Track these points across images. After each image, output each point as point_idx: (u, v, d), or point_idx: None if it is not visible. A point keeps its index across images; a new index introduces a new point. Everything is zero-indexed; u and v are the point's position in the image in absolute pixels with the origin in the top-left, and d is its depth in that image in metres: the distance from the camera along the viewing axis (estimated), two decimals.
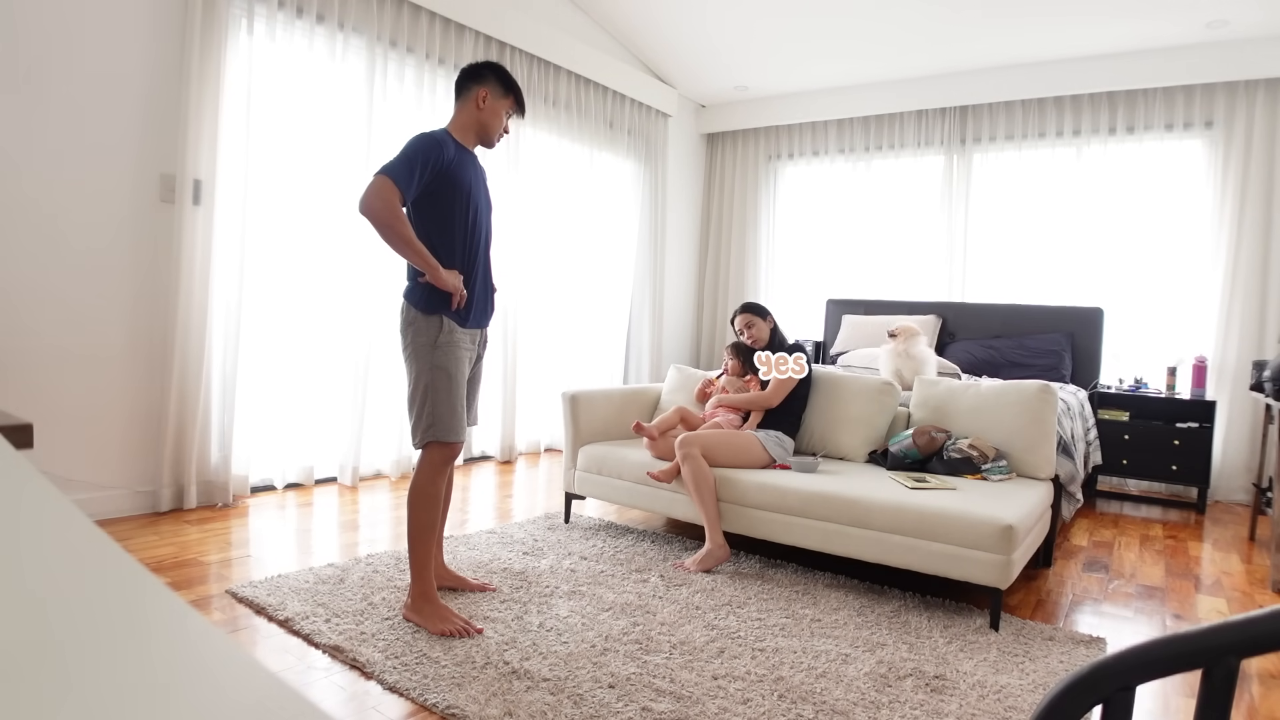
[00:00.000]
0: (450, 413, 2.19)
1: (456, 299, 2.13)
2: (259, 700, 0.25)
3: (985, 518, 2.33)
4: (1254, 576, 3.07)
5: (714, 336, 6.51)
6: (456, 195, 2.15)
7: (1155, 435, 4.24)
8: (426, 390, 2.17)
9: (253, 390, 3.49)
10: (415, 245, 2.05)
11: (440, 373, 2.17)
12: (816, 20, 4.81)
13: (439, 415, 2.17)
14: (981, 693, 1.90)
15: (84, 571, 0.34)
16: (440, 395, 2.17)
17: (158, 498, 3.16)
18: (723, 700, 1.80)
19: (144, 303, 3.13)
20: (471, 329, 2.25)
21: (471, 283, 2.23)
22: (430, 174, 2.10)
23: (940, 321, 5.04)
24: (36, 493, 0.43)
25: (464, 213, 2.18)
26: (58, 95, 2.84)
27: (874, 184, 5.76)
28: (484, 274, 2.28)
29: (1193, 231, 4.66)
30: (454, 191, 2.15)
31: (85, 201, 2.94)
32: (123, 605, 0.31)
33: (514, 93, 2.29)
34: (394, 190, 2.01)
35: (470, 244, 2.22)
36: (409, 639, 2.05)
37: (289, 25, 3.53)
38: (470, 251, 2.22)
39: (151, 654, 0.28)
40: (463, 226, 2.19)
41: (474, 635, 2.09)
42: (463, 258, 2.20)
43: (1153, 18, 4.27)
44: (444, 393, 2.17)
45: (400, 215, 2.02)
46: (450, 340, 2.18)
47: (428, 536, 2.19)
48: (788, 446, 3.08)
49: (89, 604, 0.31)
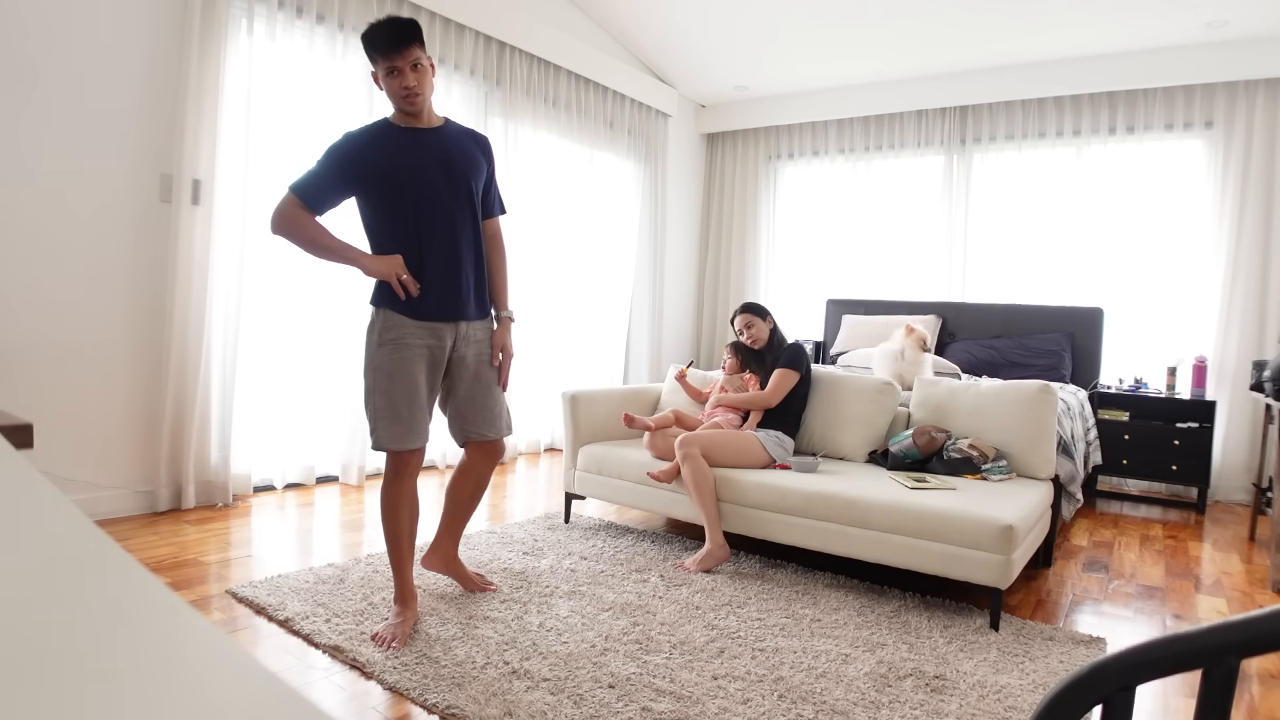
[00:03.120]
0: (390, 418, 2.01)
1: (394, 286, 1.99)
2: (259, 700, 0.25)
3: (985, 518, 2.33)
4: (1254, 576, 3.07)
5: (714, 336, 6.51)
6: (391, 183, 2.00)
7: (1155, 435, 4.24)
8: (368, 392, 2.03)
9: (252, 390, 3.49)
10: (326, 244, 1.98)
11: (379, 373, 2.01)
12: (816, 20, 4.81)
13: (377, 420, 2.01)
14: (981, 693, 1.90)
15: (84, 571, 0.34)
16: (378, 398, 2.01)
17: (157, 498, 3.15)
18: (723, 700, 1.80)
19: (143, 302, 3.13)
20: (430, 322, 2.05)
21: (422, 269, 2.03)
22: (347, 172, 2.00)
23: (940, 321, 5.04)
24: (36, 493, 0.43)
25: (406, 198, 2.01)
26: (57, 95, 2.84)
27: (874, 184, 5.76)
28: (446, 260, 2.06)
29: (1192, 231, 4.66)
30: (387, 180, 2.00)
31: (84, 201, 2.94)
32: (123, 605, 0.31)
33: (375, 49, 1.98)
34: (293, 203, 1.97)
35: (419, 229, 2.04)
36: (409, 639, 2.05)
37: (289, 25, 3.53)
38: (420, 237, 2.04)
39: (152, 654, 0.28)
40: (407, 212, 2.02)
41: (390, 648, 1.98)
42: (413, 245, 2.03)
43: (1153, 18, 4.27)
44: (383, 394, 2.00)
45: (302, 223, 1.96)
46: (395, 337, 2.02)
47: (392, 546, 2.12)
48: (788, 446, 3.08)
49: (89, 604, 0.31)
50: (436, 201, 2.04)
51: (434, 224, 2.04)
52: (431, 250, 2.04)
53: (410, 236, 2.03)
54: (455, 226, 2.07)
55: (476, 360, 2.17)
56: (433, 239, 2.04)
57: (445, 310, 2.07)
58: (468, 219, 2.11)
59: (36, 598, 0.31)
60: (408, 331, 2.03)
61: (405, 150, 2.02)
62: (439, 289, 2.05)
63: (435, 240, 2.04)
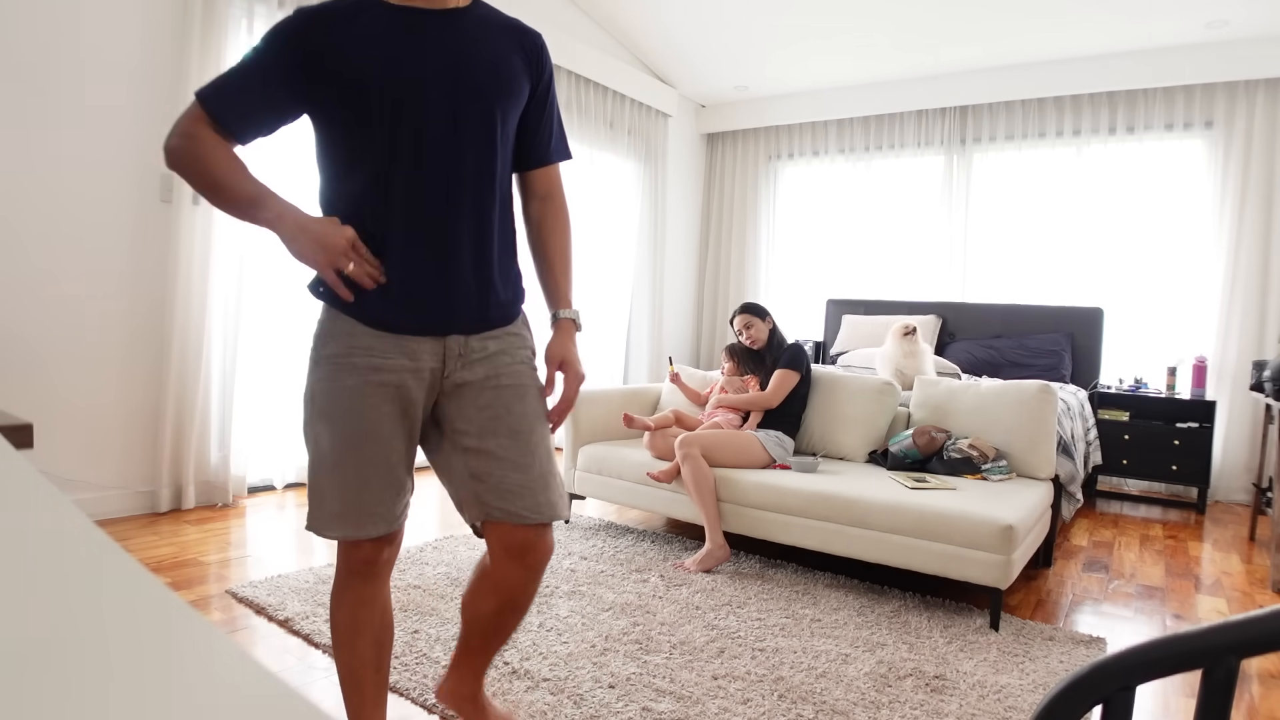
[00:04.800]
0: (329, 486, 1.25)
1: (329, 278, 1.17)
2: (259, 700, 0.25)
3: (985, 518, 2.33)
4: (1254, 576, 3.07)
5: (714, 336, 6.51)
6: (358, 95, 1.18)
7: (1155, 435, 4.24)
8: (307, 441, 1.29)
9: (252, 390, 3.49)
10: (234, 187, 1.18)
11: (312, 409, 1.26)
12: (816, 20, 4.81)
13: (312, 487, 1.27)
14: (981, 693, 1.90)
15: (84, 571, 0.34)
16: (311, 448, 1.27)
17: (157, 498, 3.15)
18: (723, 700, 1.80)
19: (143, 302, 3.13)
20: (398, 335, 1.24)
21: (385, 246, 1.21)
22: (291, 71, 1.19)
23: (940, 321, 5.04)
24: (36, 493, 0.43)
25: (378, 125, 1.20)
26: (57, 95, 2.84)
27: (874, 184, 5.76)
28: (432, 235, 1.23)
29: (1192, 231, 4.66)
30: (353, 89, 1.18)
31: (85, 201, 2.94)
32: (123, 605, 0.31)
33: None
34: (197, 120, 1.18)
35: (389, 182, 1.21)
36: (409, 639, 2.05)
37: None
38: (390, 194, 1.21)
39: (151, 654, 0.28)
40: (375, 150, 1.20)
41: None
42: (378, 205, 1.21)
43: (1152, 18, 4.27)
44: (316, 444, 1.26)
45: (205, 154, 1.18)
46: (337, 352, 1.23)
47: (348, 688, 1.35)
48: (788, 446, 3.08)
49: (89, 604, 0.31)
50: (432, 137, 1.22)
51: (420, 175, 1.22)
52: (407, 217, 1.22)
53: (376, 192, 1.21)
54: (457, 181, 1.24)
55: (497, 386, 1.29)
56: (413, 199, 1.22)
57: (424, 316, 1.24)
58: (485, 170, 1.27)
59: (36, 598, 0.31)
60: (359, 346, 1.23)
61: (394, 42, 1.20)
62: (414, 280, 1.23)
63: (416, 201, 1.22)
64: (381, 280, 1.21)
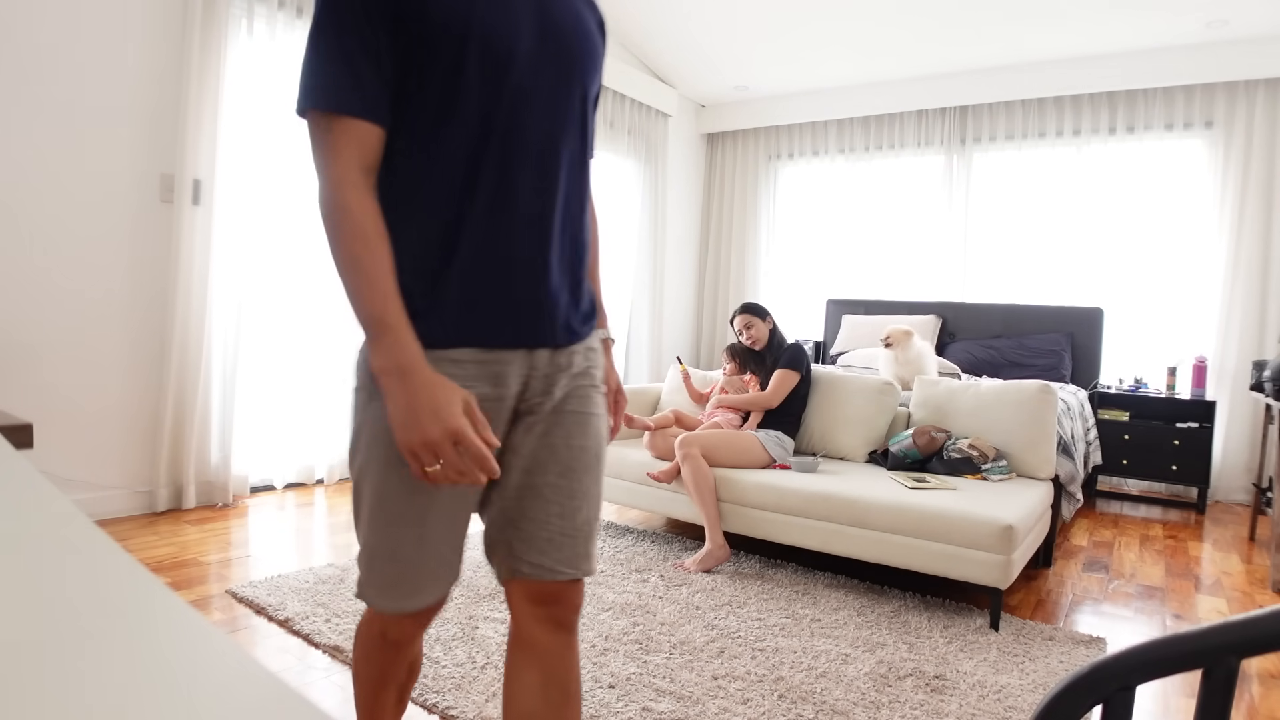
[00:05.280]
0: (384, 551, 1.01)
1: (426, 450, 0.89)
2: (259, 700, 0.25)
3: (985, 518, 2.33)
4: (1254, 576, 3.07)
5: (714, 336, 6.51)
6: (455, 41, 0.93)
7: (1155, 435, 4.24)
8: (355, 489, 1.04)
9: (252, 390, 3.50)
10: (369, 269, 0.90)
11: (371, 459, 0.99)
12: (816, 20, 4.81)
13: (363, 549, 1.03)
14: (981, 693, 1.90)
15: (84, 571, 0.34)
16: (365, 507, 1.02)
17: (157, 497, 3.15)
18: (723, 700, 1.80)
19: (143, 303, 3.13)
20: (484, 350, 0.99)
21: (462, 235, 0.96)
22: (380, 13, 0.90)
23: (940, 321, 5.04)
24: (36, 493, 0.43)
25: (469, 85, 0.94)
26: (58, 95, 2.84)
27: (874, 184, 5.76)
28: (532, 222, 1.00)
29: (1193, 231, 4.66)
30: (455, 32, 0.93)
31: (85, 201, 2.94)
32: (123, 605, 0.31)
33: None
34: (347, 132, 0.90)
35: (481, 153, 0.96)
36: None
37: (289, 25, 3.53)
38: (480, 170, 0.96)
39: (151, 654, 0.28)
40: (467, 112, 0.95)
41: None
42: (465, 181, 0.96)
43: (1152, 18, 4.27)
44: (375, 502, 1.00)
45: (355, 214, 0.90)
46: None
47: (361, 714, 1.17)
48: (788, 446, 3.08)
49: (89, 604, 0.31)
50: (531, 103, 0.99)
51: (517, 152, 0.98)
52: (502, 200, 0.97)
53: (466, 159, 0.96)
54: (554, 162, 1.02)
55: (559, 410, 1.08)
56: (507, 180, 0.97)
57: (519, 323, 1.01)
58: (578, 154, 1.06)
59: (37, 598, 0.31)
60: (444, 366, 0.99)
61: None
62: (508, 278, 0.99)
63: (511, 182, 0.98)
64: (495, 472, 0.91)
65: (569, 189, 1.04)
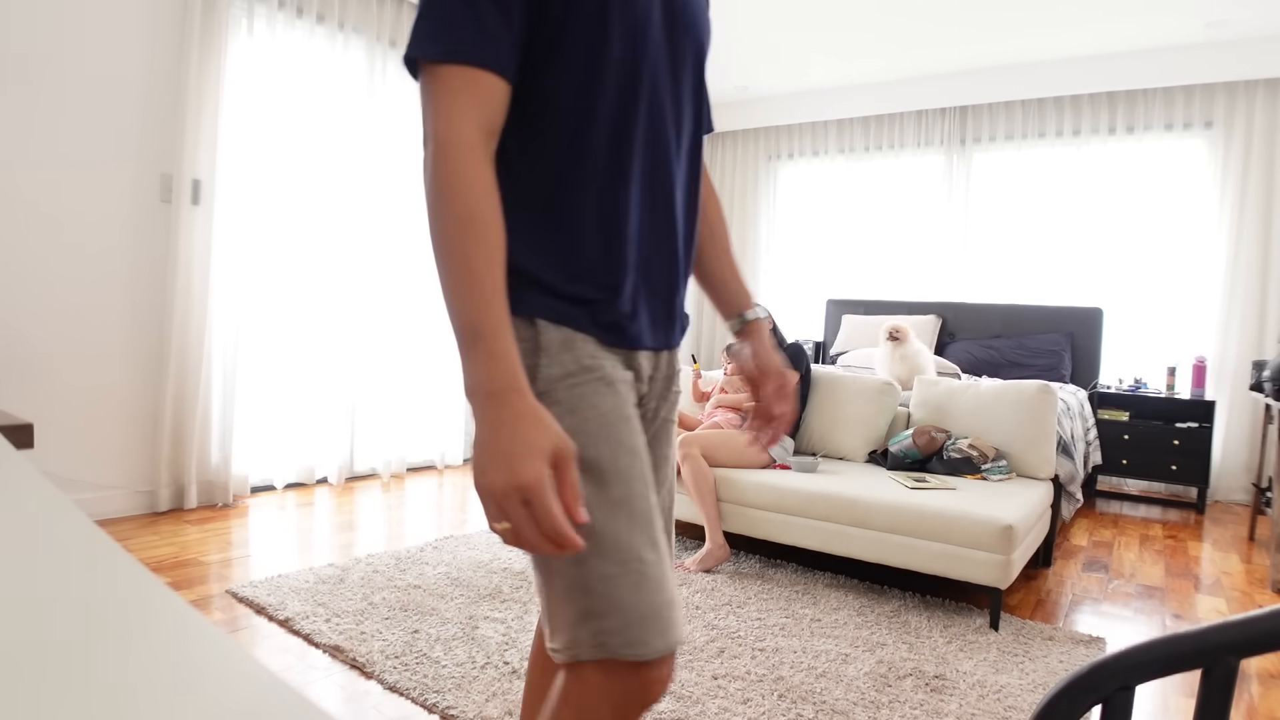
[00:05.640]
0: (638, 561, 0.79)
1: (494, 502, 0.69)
2: (259, 700, 0.26)
3: (985, 518, 2.33)
4: (1254, 576, 3.07)
5: (714, 336, 6.51)
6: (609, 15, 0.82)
7: (1155, 435, 4.24)
8: None
9: (252, 390, 3.50)
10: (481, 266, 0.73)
11: (591, 470, 0.81)
12: (816, 20, 4.81)
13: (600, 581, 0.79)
14: (981, 693, 1.90)
15: (84, 571, 0.34)
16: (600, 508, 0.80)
17: (157, 497, 3.16)
18: (723, 700, 1.80)
19: (144, 302, 3.13)
20: (630, 351, 0.89)
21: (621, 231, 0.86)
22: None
23: (940, 321, 5.04)
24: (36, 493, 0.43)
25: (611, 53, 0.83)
26: (57, 95, 2.84)
27: (874, 184, 5.76)
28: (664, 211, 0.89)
29: (1192, 231, 4.66)
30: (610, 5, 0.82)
31: (85, 201, 2.94)
32: (123, 605, 0.31)
33: None
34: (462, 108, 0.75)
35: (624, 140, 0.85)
36: (409, 639, 2.05)
37: (289, 25, 3.53)
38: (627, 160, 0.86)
39: (151, 654, 0.28)
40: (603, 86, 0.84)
41: None
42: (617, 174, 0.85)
43: (1152, 18, 4.27)
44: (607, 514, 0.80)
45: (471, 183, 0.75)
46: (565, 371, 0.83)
47: None
48: (788, 446, 3.08)
49: (89, 604, 0.31)
50: (667, 83, 0.89)
51: (651, 133, 0.88)
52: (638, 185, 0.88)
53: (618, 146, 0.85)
54: (678, 143, 0.92)
55: (667, 422, 1.00)
56: (641, 164, 0.88)
57: (655, 321, 0.92)
58: (697, 134, 0.96)
59: (37, 598, 0.31)
60: (586, 354, 0.84)
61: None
62: (650, 272, 0.90)
63: (646, 167, 0.88)
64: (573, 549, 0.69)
65: (690, 173, 0.95)
